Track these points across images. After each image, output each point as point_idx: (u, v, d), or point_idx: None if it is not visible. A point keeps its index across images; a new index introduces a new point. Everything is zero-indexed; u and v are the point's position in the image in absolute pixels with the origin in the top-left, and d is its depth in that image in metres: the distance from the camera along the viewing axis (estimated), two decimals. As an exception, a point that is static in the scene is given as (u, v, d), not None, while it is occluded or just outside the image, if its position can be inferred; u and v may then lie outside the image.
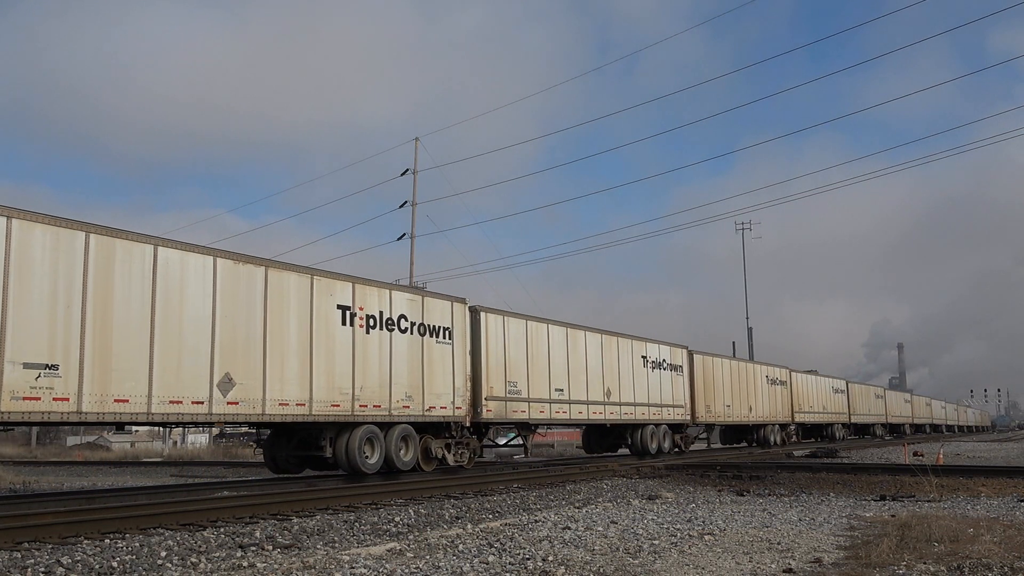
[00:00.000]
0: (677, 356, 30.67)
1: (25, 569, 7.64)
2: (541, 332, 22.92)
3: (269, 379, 14.61)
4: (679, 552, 8.45)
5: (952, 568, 7.10)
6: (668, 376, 29.68)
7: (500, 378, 20.84)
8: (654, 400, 28.31)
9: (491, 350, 20.69)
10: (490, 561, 7.84)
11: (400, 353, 17.74)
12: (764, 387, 38.30)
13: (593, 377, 24.82)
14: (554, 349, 23.26)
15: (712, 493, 16.09)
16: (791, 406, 41.24)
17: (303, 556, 8.28)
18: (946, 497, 14.10)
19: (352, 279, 16.85)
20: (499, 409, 20.70)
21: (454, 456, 19.41)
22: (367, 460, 16.64)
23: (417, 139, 44.83)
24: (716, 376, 33.47)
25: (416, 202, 44.03)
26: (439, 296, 19.56)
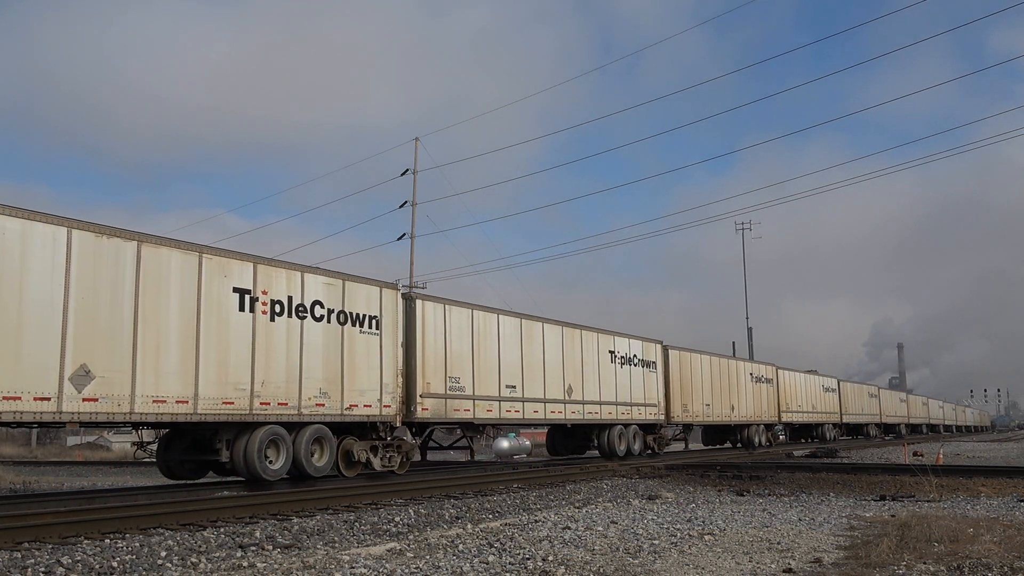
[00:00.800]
0: (650, 351, 28.85)
1: (25, 569, 7.64)
2: (490, 323, 21.02)
3: (141, 372, 12.67)
4: (679, 552, 8.46)
5: (952, 568, 7.10)
6: (640, 373, 27.78)
7: (439, 373, 18.95)
8: (623, 398, 26.48)
9: (429, 342, 18.79)
10: (490, 561, 7.84)
11: (314, 344, 15.75)
12: (748, 385, 36.54)
13: (552, 373, 23.06)
14: (505, 342, 21.38)
15: (712, 493, 16.09)
16: (778, 405, 39.53)
17: (303, 556, 8.28)
18: (946, 497, 14.10)
19: (254, 259, 14.97)
20: (437, 408, 18.81)
21: (381, 460, 17.48)
22: (269, 465, 14.75)
23: (417, 139, 44.85)
24: (694, 373, 31.67)
25: (416, 202, 44.06)
26: (364, 281, 17.35)
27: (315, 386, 15.70)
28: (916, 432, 69.89)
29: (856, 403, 53.18)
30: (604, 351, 25.93)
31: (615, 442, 25.48)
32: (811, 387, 45.17)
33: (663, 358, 29.61)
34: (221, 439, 14.63)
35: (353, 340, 16.69)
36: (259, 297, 14.85)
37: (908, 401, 71.55)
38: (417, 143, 44.72)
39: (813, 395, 45.05)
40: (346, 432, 16.73)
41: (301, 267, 16.01)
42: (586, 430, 25.77)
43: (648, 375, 28.39)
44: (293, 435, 15.28)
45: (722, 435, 37.83)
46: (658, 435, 28.89)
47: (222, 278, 14.26)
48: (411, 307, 18.61)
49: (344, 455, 16.62)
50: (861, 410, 54.28)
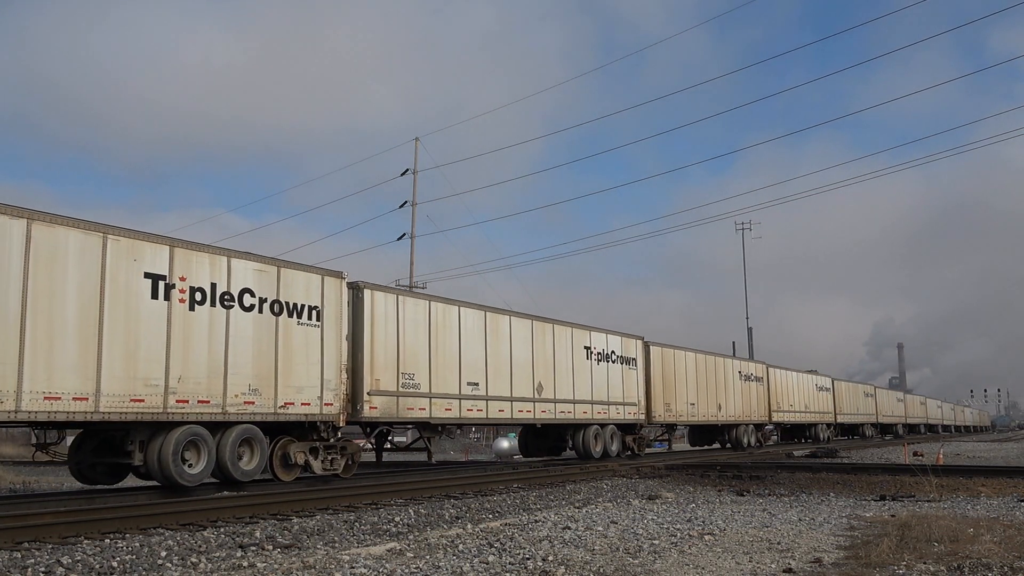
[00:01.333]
0: (630, 347, 27.26)
1: (25, 569, 7.64)
2: (450, 316, 19.57)
3: (30, 366, 11.41)
4: (679, 552, 8.46)
5: (952, 568, 7.10)
6: (618, 370, 26.25)
7: (391, 369, 17.57)
8: (599, 397, 25.05)
9: (379, 335, 17.41)
10: (490, 561, 7.84)
11: (242, 336, 14.40)
12: (737, 384, 35.18)
13: (520, 370, 21.63)
14: (468, 336, 19.92)
15: (712, 493, 16.09)
16: (768, 405, 38.15)
17: (303, 556, 8.28)
18: (946, 497, 14.11)
19: (171, 241, 13.59)
20: (388, 406, 17.42)
21: (322, 463, 16.12)
22: (188, 469, 13.35)
23: (417, 139, 44.90)
24: (678, 371, 30.20)
25: (416, 202, 44.09)
26: (304, 268, 16.01)
27: (243, 382, 14.37)
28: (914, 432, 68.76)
29: (851, 403, 51.93)
30: (579, 347, 24.51)
31: (590, 443, 24.14)
32: (804, 386, 44.01)
33: (644, 355, 28.17)
34: (134, 440, 13.30)
35: (290, 332, 15.34)
36: (176, 284, 13.44)
37: (905, 401, 69.94)
38: (417, 143, 44.77)
39: (806, 394, 43.90)
40: (283, 433, 15.47)
41: (228, 251, 14.60)
42: (560, 430, 24.53)
43: (627, 372, 26.85)
44: (217, 436, 13.94)
45: (710, 435, 36.40)
46: (638, 435, 27.49)
47: (131, 262, 12.91)
48: (359, 297, 17.14)
49: (281, 457, 15.36)
50: (856, 410, 53.05)
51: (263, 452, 14.79)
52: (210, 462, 13.79)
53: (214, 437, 13.89)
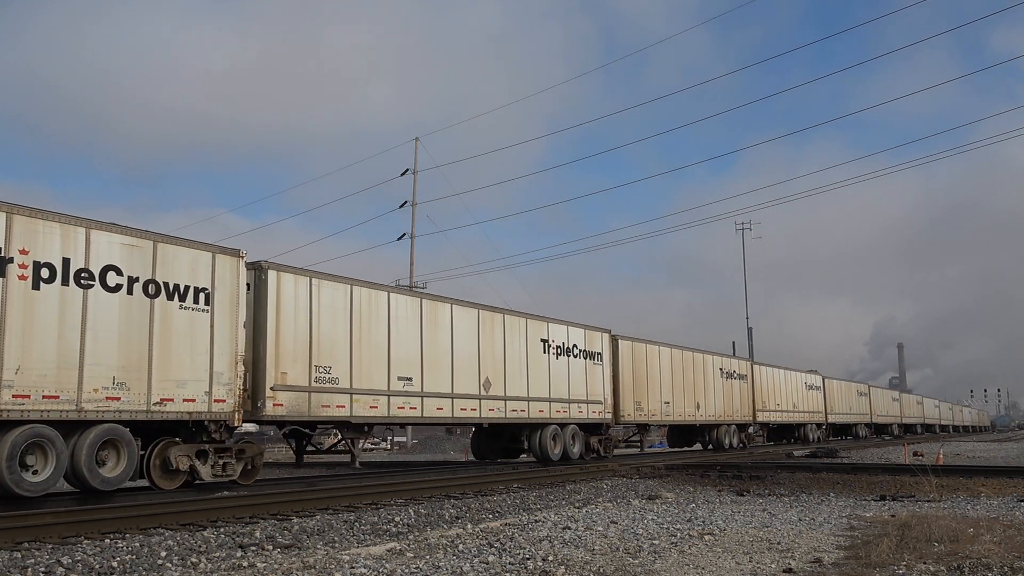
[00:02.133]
0: (595, 341, 25.41)
1: (25, 569, 7.64)
2: (377, 303, 17.64)
3: None
4: (679, 552, 8.46)
5: (952, 568, 7.10)
6: (581, 365, 24.48)
7: (301, 361, 15.67)
8: (558, 394, 23.29)
9: (286, 323, 15.44)
10: (490, 561, 7.84)
11: (105, 321, 12.51)
12: (718, 381, 33.38)
13: (463, 364, 19.75)
14: (400, 326, 18.08)
15: (712, 493, 16.09)
16: (753, 404, 36.36)
17: (303, 556, 8.28)
18: (946, 497, 14.10)
19: (9, 207, 11.64)
20: (297, 403, 15.50)
21: (212, 468, 14.19)
22: (29, 477, 11.64)
23: (417, 139, 44.94)
24: (651, 367, 28.31)
25: (416, 202, 44.12)
26: (189, 244, 14.08)
27: (106, 375, 12.42)
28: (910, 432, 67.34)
29: (843, 402, 50.37)
30: (534, 339, 22.67)
31: (548, 444, 22.40)
32: (792, 384, 42.16)
33: (611, 349, 26.21)
34: None
35: (169, 318, 13.42)
36: (14, 258, 11.53)
37: (901, 400, 68.33)
38: (417, 143, 44.79)
39: (794, 393, 42.15)
40: (164, 434, 13.61)
41: (87, 222, 12.60)
42: (514, 431, 22.69)
43: (592, 368, 25.07)
44: (72, 438, 12.16)
45: (689, 436, 34.50)
46: (604, 436, 25.76)
47: None
48: (261, 279, 15.17)
49: (161, 463, 13.52)
50: (849, 409, 51.46)
51: (131, 456, 12.87)
52: (60, 468, 11.94)
53: (68, 439, 12.10)
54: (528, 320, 22.76)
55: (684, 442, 35.03)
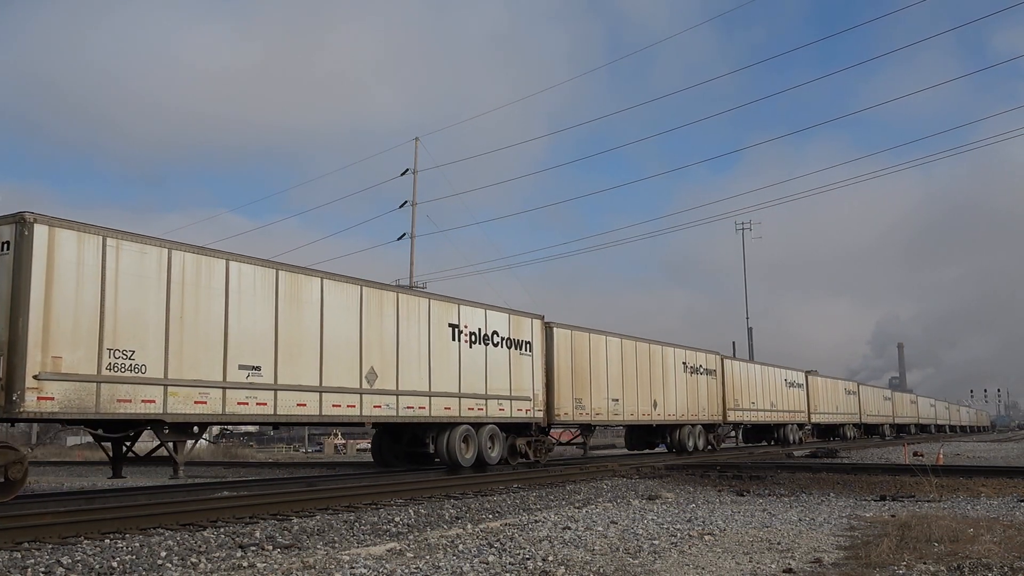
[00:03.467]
0: (522, 328, 22.22)
1: (25, 569, 7.64)
2: (210, 273, 14.25)
3: None
4: (679, 552, 8.46)
5: (952, 568, 7.10)
6: (503, 356, 21.30)
7: (86, 343, 12.41)
8: (472, 389, 20.16)
9: (63, 293, 12.16)
10: (490, 561, 7.84)
11: None
12: (681, 377, 30.30)
13: (339, 351, 16.51)
14: (244, 302, 14.73)
15: (712, 493, 16.09)
16: (723, 402, 33.47)
17: (303, 556, 8.28)
18: (946, 497, 14.10)
19: None
20: (78, 396, 12.20)
21: None
22: None
23: (417, 139, 44.93)
24: (596, 359, 25.10)
25: (416, 202, 44.12)
26: None
27: None
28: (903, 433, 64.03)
29: (829, 401, 47.10)
30: (440, 324, 19.45)
31: (456, 447, 19.36)
32: (770, 381, 38.86)
33: (544, 338, 23.01)
34: None
35: None
36: None
37: (893, 399, 64.37)
38: (417, 143, 44.78)
39: (772, 391, 38.84)
40: None
41: None
42: (417, 432, 19.73)
43: (519, 360, 21.82)
44: None
45: (649, 437, 31.15)
46: (533, 438, 22.58)
47: None
48: (24, 236, 11.80)
49: None
50: (836, 408, 48.16)
51: None
52: None
53: None
54: (432, 301, 19.49)
55: (644, 444, 31.59)
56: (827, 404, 46.71)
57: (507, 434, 21.54)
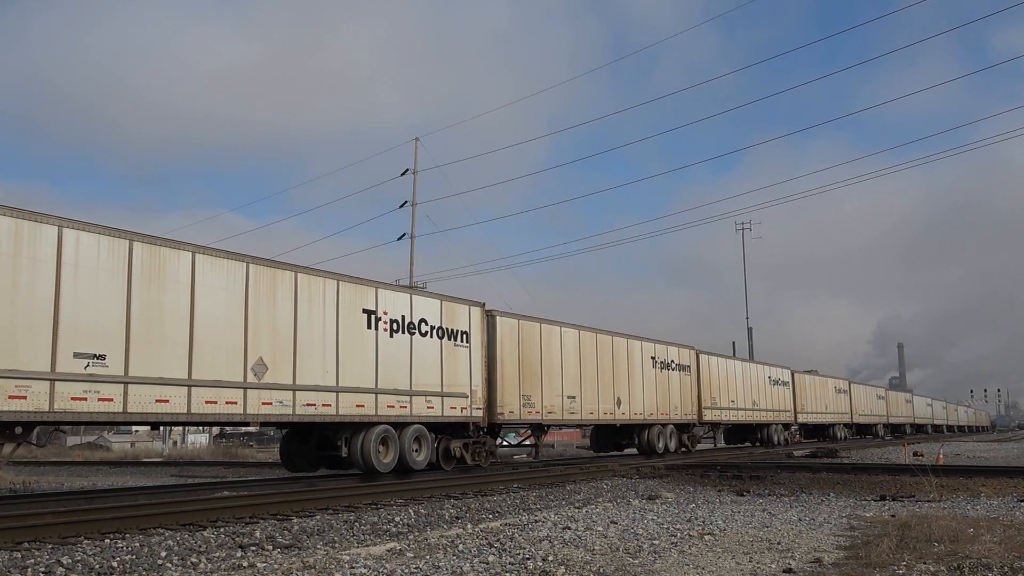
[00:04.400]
0: (458, 317, 19.89)
1: (25, 569, 7.64)
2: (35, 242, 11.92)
3: None
4: (679, 552, 8.46)
5: (952, 568, 7.10)
6: (433, 347, 18.92)
7: None
8: (392, 384, 17.62)
9: None
10: (490, 561, 7.84)
11: None
12: (649, 373, 28.07)
13: (216, 339, 14.25)
14: (83, 278, 12.43)
15: (712, 493, 16.09)
16: (698, 400, 31.42)
17: (303, 556, 8.28)
18: (946, 497, 14.10)
19: None
20: None
21: None
22: None
23: (417, 139, 44.88)
24: (548, 352, 22.85)
25: (416, 202, 44.09)
26: None
27: None
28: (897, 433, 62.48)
29: (818, 400, 44.95)
30: (351, 310, 16.95)
31: (372, 450, 16.89)
32: (752, 379, 36.64)
33: (485, 328, 20.76)
34: None
35: None
36: None
37: (887, 398, 61.78)
38: (417, 143, 44.75)
39: (755, 389, 36.70)
40: None
41: None
42: (326, 433, 17.32)
43: (453, 352, 19.52)
44: None
45: (616, 438, 28.83)
46: (473, 439, 20.24)
47: None
48: None
49: None
50: (825, 408, 45.97)
51: None
52: None
53: None
54: (341, 283, 16.90)
55: (611, 445, 29.33)
56: (815, 403, 44.64)
57: (439, 435, 19.27)
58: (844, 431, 48.43)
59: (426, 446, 18.51)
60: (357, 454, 17.00)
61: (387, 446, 17.48)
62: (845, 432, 48.61)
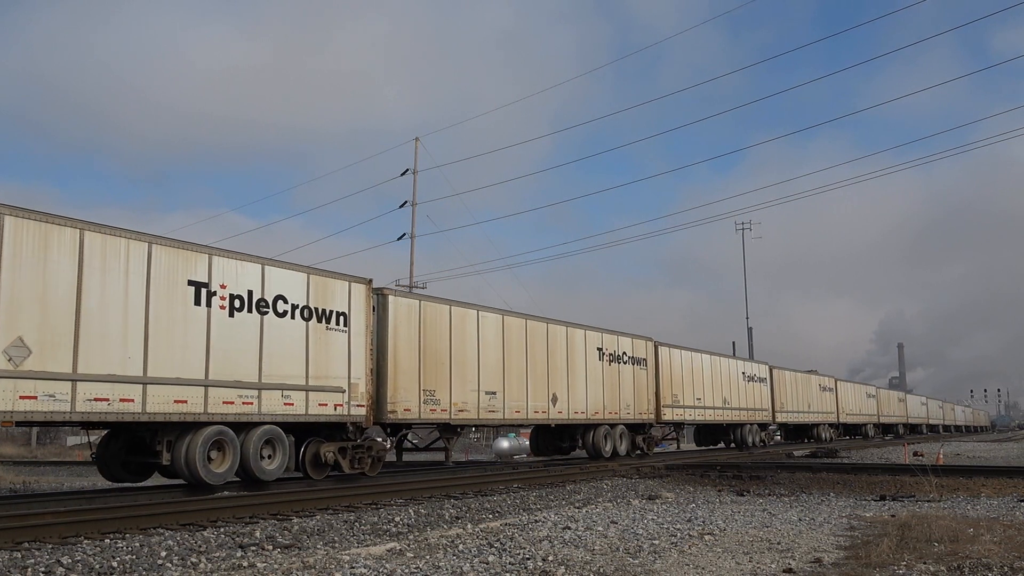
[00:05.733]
0: (333, 295, 16.34)
1: (25, 569, 7.64)
2: None
3: None
4: (679, 552, 8.46)
5: (952, 568, 7.10)
6: (295, 331, 15.37)
7: None
8: (231, 374, 14.15)
9: None
10: (490, 561, 7.84)
11: None
12: (595, 367, 24.72)
13: None
14: None
15: (712, 493, 16.10)
16: (658, 398, 28.25)
17: (303, 556, 8.28)
18: (946, 497, 14.11)
19: None
20: None
21: None
22: None
23: (417, 139, 44.89)
24: (460, 341, 19.61)
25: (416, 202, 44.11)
26: None
27: None
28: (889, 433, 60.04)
29: (799, 398, 41.80)
30: (173, 281, 13.56)
31: (197, 456, 13.51)
32: (723, 375, 33.59)
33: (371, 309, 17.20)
34: None
35: None
36: None
37: (878, 397, 58.28)
38: (417, 143, 44.76)
39: (726, 385, 33.71)
40: None
41: None
42: (144, 435, 14.07)
43: (325, 337, 16.03)
44: None
45: (557, 438, 25.26)
46: (351, 443, 16.69)
47: None
48: None
49: None
50: (808, 407, 42.86)
51: None
52: None
53: None
54: (153, 247, 13.41)
55: (551, 449, 25.73)
56: (796, 402, 41.37)
57: (306, 438, 16.11)
58: (829, 431, 45.59)
59: (281, 451, 15.11)
60: (181, 461, 13.67)
61: (223, 451, 14.12)
62: (831, 433, 45.77)
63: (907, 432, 64.52)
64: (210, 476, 13.85)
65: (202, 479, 13.69)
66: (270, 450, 15.01)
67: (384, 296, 17.89)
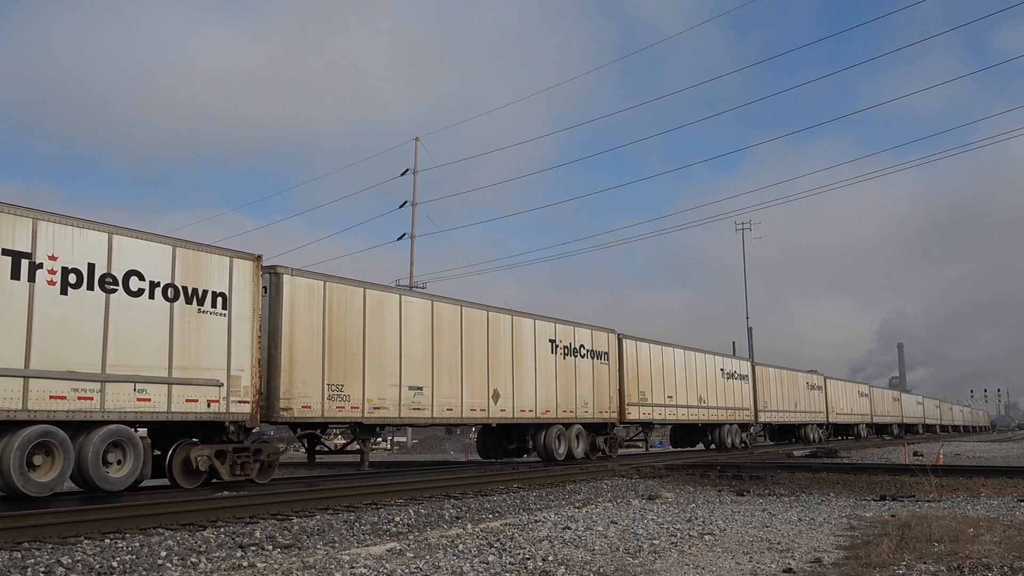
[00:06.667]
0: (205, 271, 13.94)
1: (25, 569, 7.64)
2: None
3: None
4: (679, 552, 8.46)
5: (952, 568, 7.10)
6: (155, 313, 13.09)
7: None
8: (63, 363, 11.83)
9: None
10: (490, 561, 7.84)
11: None
12: (546, 360, 22.51)
13: None
14: None
15: (712, 493, 16.10)
16: (620, 395, 25.81)
17: (303, 556, 8.28)
18: (946, 497, 14.11)
19: None
20: None
21: None
22: None
23: (417, 139, 44.95)
24: (378, 328, 17.32)
25: (416, 202, 44.13)
26: None
27: None
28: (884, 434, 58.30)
29: (785, 397, 39.49)
30: None
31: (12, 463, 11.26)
32: (698, 371, 31.27)
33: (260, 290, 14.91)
34: None
35: None
36: None
37: (871, 396, 55.93)
38: (417, 143, 44.80)
39: (702, 383, 31.37)
40: None
41: None
42: None
43: (197, 321, 13.70)
44: None
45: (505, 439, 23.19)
46: (234, 445, 14.45)
47: None
48: None
49: None
50: (794, 406, 40.50)
51: None
52: None
53: None
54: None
55: (499, 451, 23.56)
56: (781, 401, 39.09)
57: (175, 440, 13.99)
58: (818, 432, 43.23)
59: (133, 456, 12.80)
60: None
61: (53, 457, 11.82)
62: (820, 433, 43.43)
63: (903, 432, 63.10)
64: (30, 486, 11.52)
65: (19, 489, 11.34)
66: (119, 454, 12.68)
67: (277, 275, 15.44)
